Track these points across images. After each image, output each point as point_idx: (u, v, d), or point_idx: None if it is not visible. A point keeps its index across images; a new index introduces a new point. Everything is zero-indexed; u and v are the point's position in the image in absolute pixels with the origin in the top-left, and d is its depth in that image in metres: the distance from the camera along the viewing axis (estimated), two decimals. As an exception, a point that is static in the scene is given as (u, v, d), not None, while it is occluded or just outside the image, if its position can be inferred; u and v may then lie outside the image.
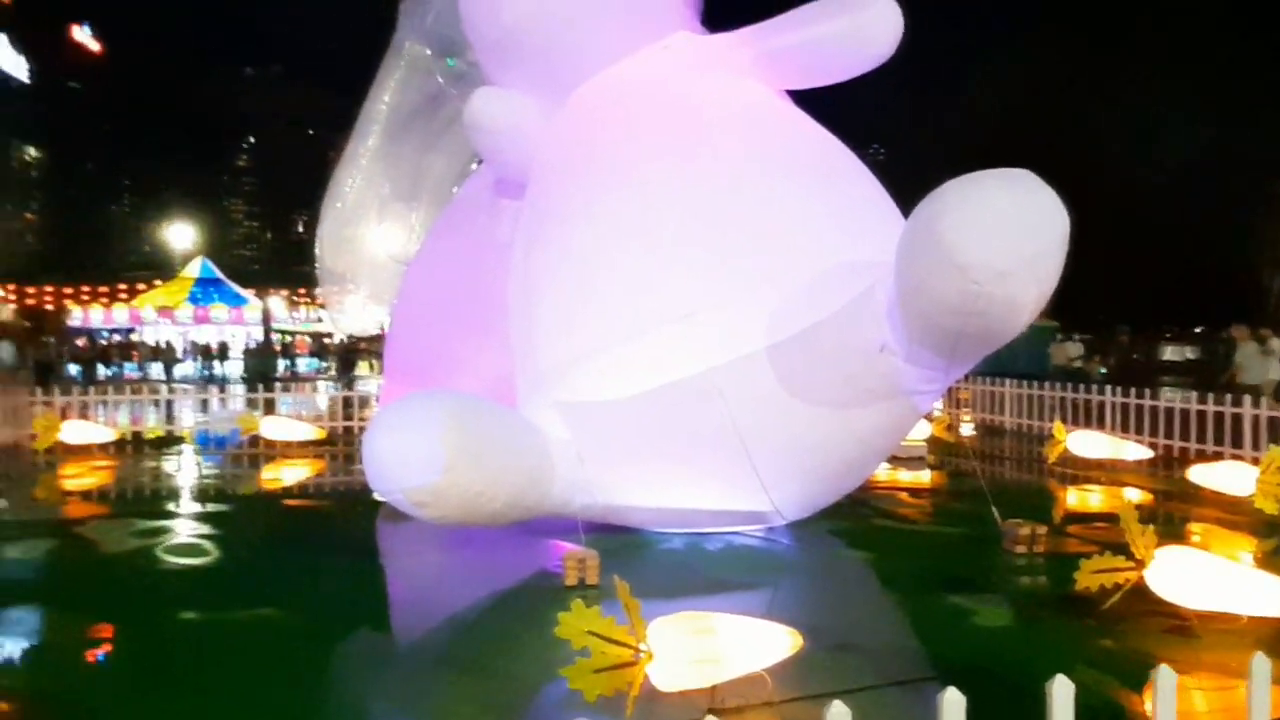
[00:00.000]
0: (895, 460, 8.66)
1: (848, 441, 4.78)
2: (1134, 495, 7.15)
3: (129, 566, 5.57)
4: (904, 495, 7.72)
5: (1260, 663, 2.23)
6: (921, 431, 9.18)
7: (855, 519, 6.36)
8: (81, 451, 10.29)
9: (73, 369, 25.19)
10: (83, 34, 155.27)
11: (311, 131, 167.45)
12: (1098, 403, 10.40)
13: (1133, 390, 9.93)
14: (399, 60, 6.78)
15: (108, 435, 10.74)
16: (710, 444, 4.64)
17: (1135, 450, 8.49)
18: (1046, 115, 38.21)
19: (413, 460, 3.92)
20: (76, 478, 9.02)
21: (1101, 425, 9.89)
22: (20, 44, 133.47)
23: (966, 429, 11.42)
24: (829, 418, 4.58)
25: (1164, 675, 2.15)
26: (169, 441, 11.49)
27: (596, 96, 5.72)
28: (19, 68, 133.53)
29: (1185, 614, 3.73)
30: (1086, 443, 8.29)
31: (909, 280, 3.88)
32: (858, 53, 5.36)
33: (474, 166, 7.10)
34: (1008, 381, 11.89)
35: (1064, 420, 9.44)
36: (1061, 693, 2.04)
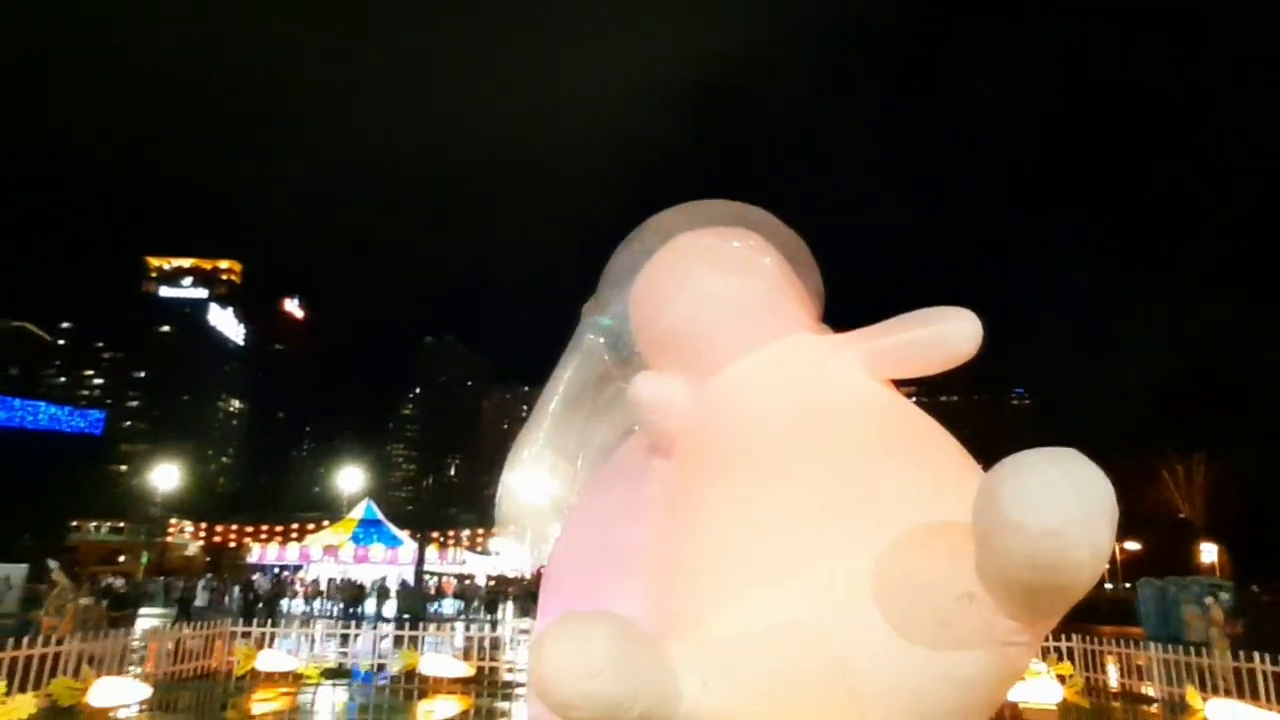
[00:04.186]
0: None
1: (950, 685, 5.20)
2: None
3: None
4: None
5: None
6: (1054, 696, 9.02)
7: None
8: (270, 678, 11.59)
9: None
10: (292, 304, 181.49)
11: (470, 383, 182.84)
12: (1248, 670, 9.77)
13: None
14: (579, 347, 8.54)
15: (294, 664, 12.03)
16: (822, 682, 5.24)
17: (1283, 722, 8.02)
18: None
19: (570, 664, 4.81)
20: (265, 701, 10.21)
21: (1256, 696, 9.28)
22: (241, 315, 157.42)
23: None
24: (929, 661, 5.11)
25: None
26: (340, 673, 12.62)
27: (733, 382, 7.06)
28: (237, 334, 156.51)
29: None
30: (1227, 713, 7.94)
31: (981, 537, 4.63)
32: (944, 354, 6.50)
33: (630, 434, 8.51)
34: (1153, 646, 11.38)
35: (1216, 690, 8.99)
36: None
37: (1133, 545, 53.84)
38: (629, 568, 7.05)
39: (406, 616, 19.45)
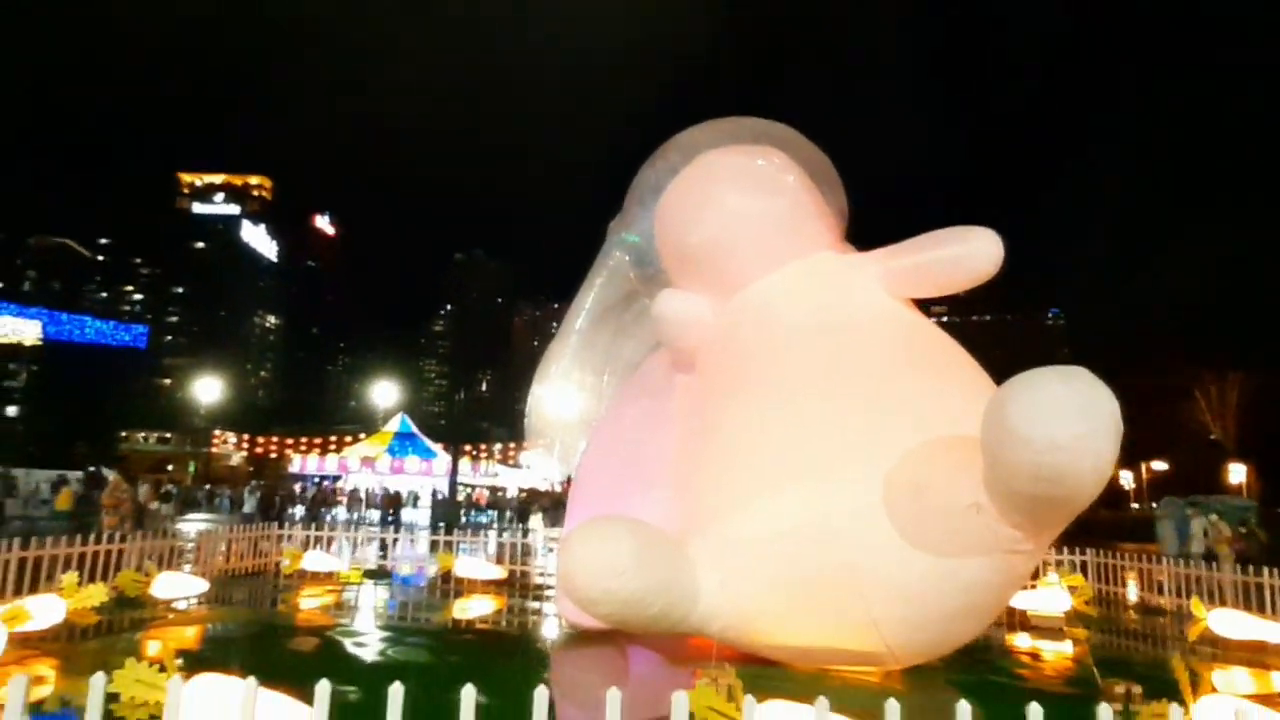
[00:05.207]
0: (1035, 630, 8.94)
1: (953, 590, 5.49)
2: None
3: (360, 662, 7.06)
4: (1028, 659, 8.02)
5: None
6: (1062, 605, 9.34)
7: (974, 672, 6.93)
8: (315, 577, 12.28)
9: (299, 512, 28.96)
10: (322, 221, 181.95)
11: (500, 300, 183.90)
12: (1256, 584, 10.10)
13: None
14: (605, 264, 8.67)
15: (339, 565, 12.73)
16: (831, 584, 5.53)
17: (1280, 632, 8.27)
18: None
19: (595, 563, 5.17)
20: (313, 597, 10.87)
21: (1262, 609, 9.55)
22: (273, 231, 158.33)
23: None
24: (936, 566, 5.36)
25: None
26: (381, 574, 13.34)
27: (755, 299, 7.17)
28: (270, 250, 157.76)
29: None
30: (1229, 622, 8.19)
31: (989, 451, 4.80)
32: (963, 273, 6.53)
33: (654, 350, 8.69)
34: (1164, 559, 11.67)
35: (1224, 602, 9.26)
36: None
37: (1161, 465, 53.82)
38: (653, 476, 7.38)
39: (442, 524, 20.26)
